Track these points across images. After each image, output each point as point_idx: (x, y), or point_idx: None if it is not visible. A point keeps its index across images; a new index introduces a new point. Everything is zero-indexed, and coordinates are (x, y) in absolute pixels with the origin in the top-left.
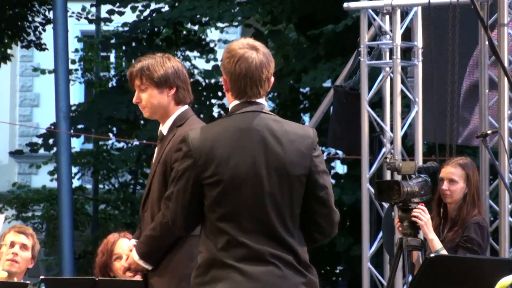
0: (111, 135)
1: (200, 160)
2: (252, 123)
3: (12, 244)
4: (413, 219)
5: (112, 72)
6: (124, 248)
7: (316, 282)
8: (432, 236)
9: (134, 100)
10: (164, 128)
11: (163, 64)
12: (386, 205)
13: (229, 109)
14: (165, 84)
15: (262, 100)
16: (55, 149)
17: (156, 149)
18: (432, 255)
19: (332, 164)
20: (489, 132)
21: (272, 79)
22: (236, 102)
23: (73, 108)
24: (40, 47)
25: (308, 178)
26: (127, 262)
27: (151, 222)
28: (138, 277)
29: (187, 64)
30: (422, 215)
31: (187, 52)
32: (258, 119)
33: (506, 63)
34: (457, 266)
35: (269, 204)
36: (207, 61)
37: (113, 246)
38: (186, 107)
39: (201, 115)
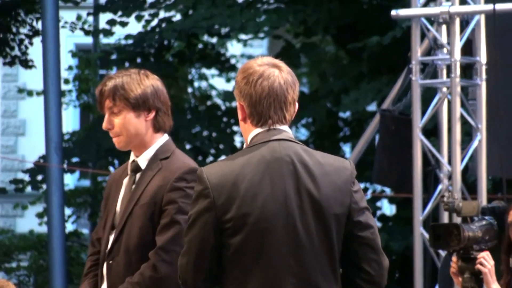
0: (112, 169)
1: (220, 200)
2: (280, 153)
3: None
4: (477, 266)
5: None
6: None
7: None
8: (495, 287)
9: (104, 125)
10: (141, 160)
11: (140, 82)
12: (443, 253)
13: (250, 141)
14: (143, 106)
15: (287, 128)
16: (44, 186)
17: (125, 183)
18: None
19: (378, 203)
20: None
21: (297, 105)
22: (258, 130)
23: (66, 137)
24: (26, 64)
25: (348, 217)
26: None
27: (126, 273)
28: None
29: (204, 84)
30: (487, 260)
31: (204, 70)
32: (287, 148)
33: None
34: None
35: (305, 250)
36: (228, 80)
37: None
38: (166, 136)
39: (220, 146)
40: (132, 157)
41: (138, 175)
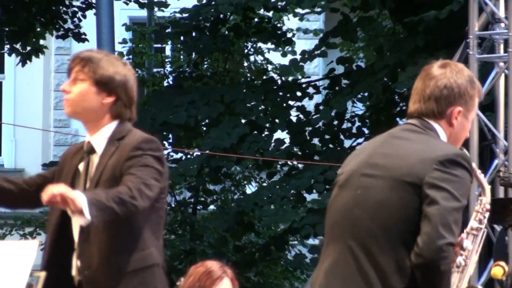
0: (166, 144)
1: None
2: None
3: None
4: None
5: (168, 68)
6: None
7: None
8: None
9: (62, 87)
10: (95, 140)
11: (114, 66)
12: (498, 227)
13: None
14: (105, 86)
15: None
16: None
17: (82, 166)
18: None
19: None
20: None
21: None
22: None
23: None
24: (79, 37)
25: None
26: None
27: (97, 256)
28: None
29: (259, 58)
30: None
31: (259, 44)
32: None
33: None
34: None
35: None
36: (284, 54)
37: (216, 283)
38: (126, 122)
39: (276, 120)
40: (87, 137)
41: (93, 156)
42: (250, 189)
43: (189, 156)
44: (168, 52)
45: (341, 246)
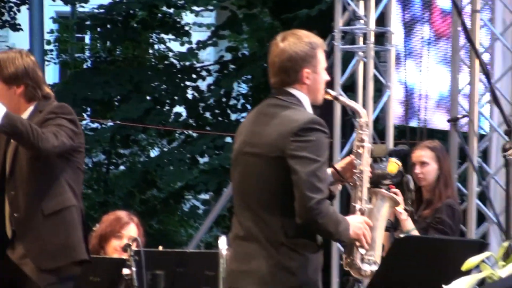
0: (85, 115)
1: None
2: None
3: None
4: None
5: (87, 53)
6: (130, 233)
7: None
8: (405, 217)
9: None
10: None
11: (14, 62)
12: None
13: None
14: (14, 81)
15: None
16: None
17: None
18: (401, 235)
19: None
20: (459, 116)
21: None
22: None
23: None
24: (15, 27)
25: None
26: None
27: (24, 201)
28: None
29: (162, 46)
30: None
31: (162, 35)
32: None
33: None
34: (426, 247)
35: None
36: (182, 44)
37: (124, 227)
38: (42, 100)
39: (175, 97)
40: None
41: None
42: (154, 153)
43: (103, 125)
44: (87, 40)
45: (243, 213)
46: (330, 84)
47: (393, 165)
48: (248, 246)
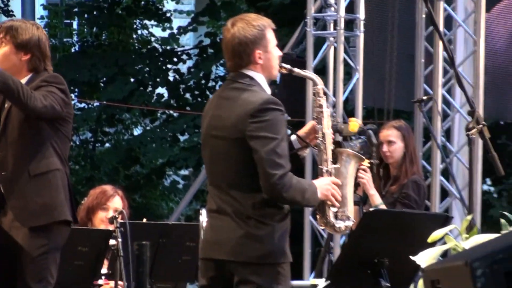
0: (73, 96)
1: None
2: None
3: None
4: (358, 179)
5: (75, 38)
6: (116, 205)
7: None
8: (373, 192)
9: None
10: None
11: (29, 31)
12: None
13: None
14: (24, 48)
15: None
16: None
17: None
18: (370, 209)
19: None
20: (424, 97)
21: None
22: None
23: None
24: (8, 13)
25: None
26: None
27: (12, 161)
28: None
29: (145, 32)
30: (363, 174)
31: (145, 21)
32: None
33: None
34: (394, 220)
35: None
36: (164, 29)
37: (109, 199)
38: (42, 72)
39: (158, 79)
40: None
41: None
42: (137, 131)
43: (90, 105)
44: (75, 26)
45: (214, 190)
46: (303, 67)
47: (353, 125)
48: (222, 219)
